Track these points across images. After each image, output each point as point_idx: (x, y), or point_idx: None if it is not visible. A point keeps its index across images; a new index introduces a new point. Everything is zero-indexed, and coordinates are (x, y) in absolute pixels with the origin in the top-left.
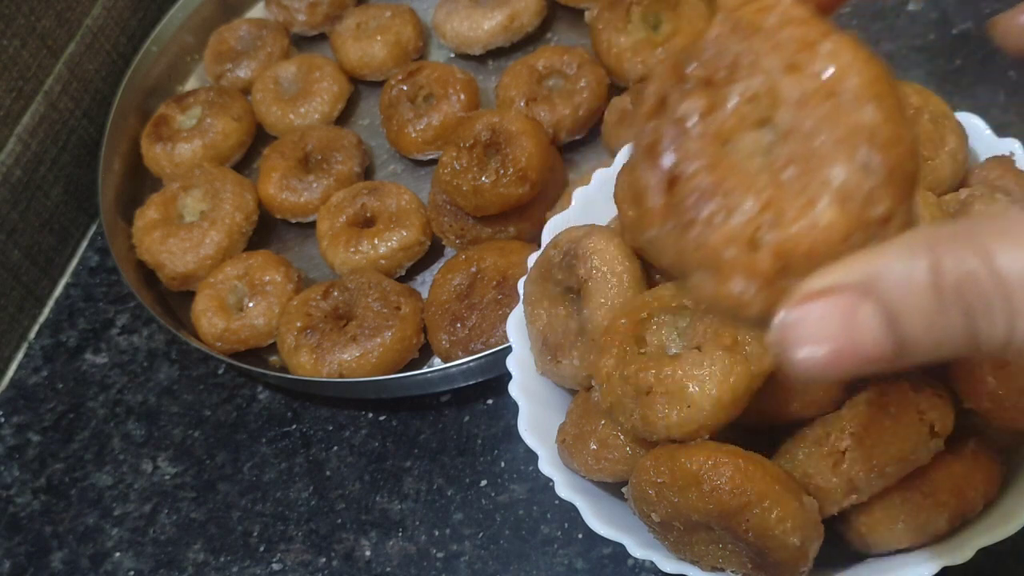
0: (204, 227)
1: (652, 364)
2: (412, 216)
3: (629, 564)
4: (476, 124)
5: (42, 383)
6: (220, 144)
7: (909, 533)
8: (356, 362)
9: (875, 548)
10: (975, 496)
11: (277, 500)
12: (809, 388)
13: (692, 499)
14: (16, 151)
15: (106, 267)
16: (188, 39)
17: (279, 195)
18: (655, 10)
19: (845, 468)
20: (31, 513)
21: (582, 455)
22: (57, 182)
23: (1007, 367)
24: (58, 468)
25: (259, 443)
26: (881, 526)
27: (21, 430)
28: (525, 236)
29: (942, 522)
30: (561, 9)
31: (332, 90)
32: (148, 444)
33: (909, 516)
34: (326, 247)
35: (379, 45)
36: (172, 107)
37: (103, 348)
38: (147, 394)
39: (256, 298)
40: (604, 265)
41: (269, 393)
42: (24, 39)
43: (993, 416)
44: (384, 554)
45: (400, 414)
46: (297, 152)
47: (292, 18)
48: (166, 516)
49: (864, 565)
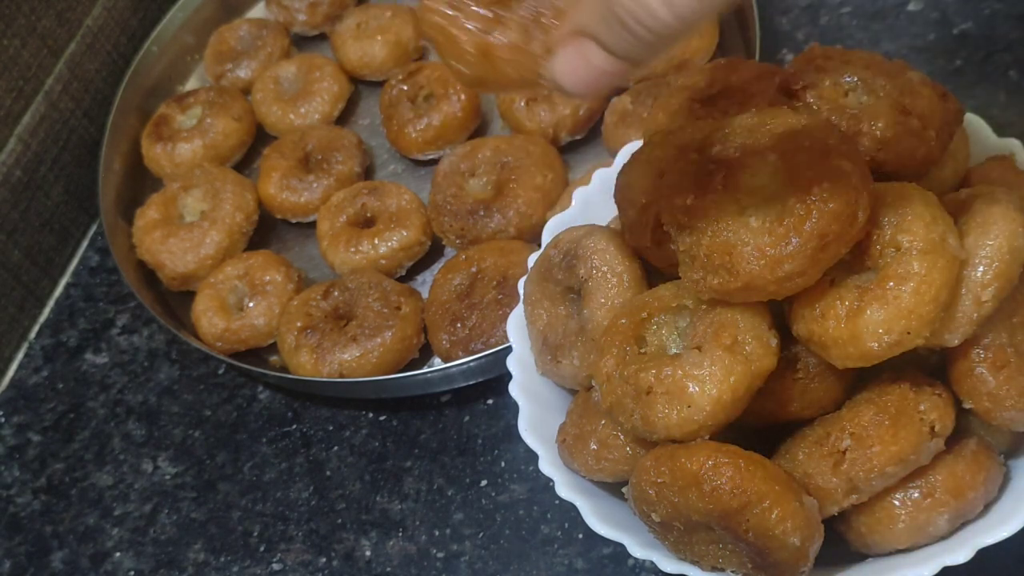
0: (204, 227)
1: (652, 364)
2: (412, 216)
3: (629, 564)
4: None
5: (42, 383)
6: (220, 144)
7: (909, 533)
8: (356, 362)
9: (875, 548)
10: (975, 496)
11: (277, 500)
12: (809, 388)
13: (692, 499)
14: (17, 151)
15: (106, 267)
16: (188, 39)
17: (279, 195)
18: None
19: (845, 468)
20: (31, 513)
21: (582, 455)
22: (57, 182)
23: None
24: (58, 468)
25: (259, 443)
26: (881, 526)
27: (21, 430)
28: (525, 236)
29: (942, 522)
30: None
31: (332, 90)
32: (148, 444)
33: (909, 516)
34: (326, 247)
35: (379, 45)
36: (172, 107)
37: (103, 348)
38: (147, 394)
39: (256, 298)
40: (604, 265)
41: (269, 393)
42: (24, 39)
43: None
44: (384, 554)
45: (400, 414)
46: (297, 152)
47: (292, 18)
48: (166, 516)
49: (864, 565)
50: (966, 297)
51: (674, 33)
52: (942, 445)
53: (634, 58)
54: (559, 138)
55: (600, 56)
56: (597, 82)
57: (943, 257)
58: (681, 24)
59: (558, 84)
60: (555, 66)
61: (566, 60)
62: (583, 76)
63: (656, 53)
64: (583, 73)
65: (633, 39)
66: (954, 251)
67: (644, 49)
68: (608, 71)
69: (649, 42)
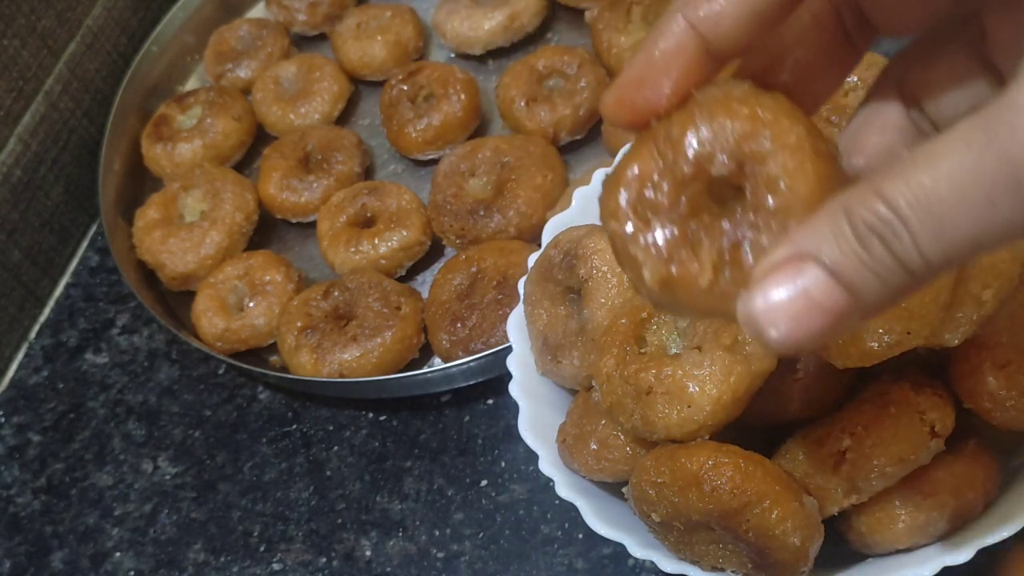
0: (204, 227)
1: (652, 364)
2: (412, 216)
3: (629, 564)
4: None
5: (42, 383)
6: (220, 144)
7: (909, 533)
8: (356, 362)
9: (875, 548)
10: (975, 496)
11: (277, 500)
12: (809, 388)
13: (692, 499)
14: (16, 151)
15: (106, 267)
16: (188, 39)
17: (279, 195)
18: (656, 10)
19: (845, 468)
20: (31, 513)
21: (582, 455)
22: (57, 182)
23: (1008, 367)
24: (58, 468)
25: (259, 443)
26: (881, 526)
27: (21, 430)
28: (525, 236)
29: (942, 522)
30: (561, 9)
31: (332, 90)
32: (148, 444)
33: (909, 516)
34: (326, 247)
35: (379, 45)
36: (172, 107)
37: (103, 348)
38: (147, 394)
39: (256, 298)
40: (604, 265)
41: (269, 393)
42: (24, 39)
43: (993, 416)
44: (384, 554)
45: (400, 414)
46: (297, 152)
47: (292, 18)
48: (166, 516)
49: (864, 565)
50: (966, 297)
51: (931, 276)
52: (942, 445)
53: (871, 298)
54: (559, 138)
55: (825, 287)
56: (813, 326)
57: None
58: (946, 266)
59: (757, 327)
60: (756, 302)
61: (776, 292)
62: (797, 314)
63: (899, 300)
64: (799, 309)
65: (877, 273)
66: None
67: (886, 290)
68: (832, 310)
69: (897, 283)
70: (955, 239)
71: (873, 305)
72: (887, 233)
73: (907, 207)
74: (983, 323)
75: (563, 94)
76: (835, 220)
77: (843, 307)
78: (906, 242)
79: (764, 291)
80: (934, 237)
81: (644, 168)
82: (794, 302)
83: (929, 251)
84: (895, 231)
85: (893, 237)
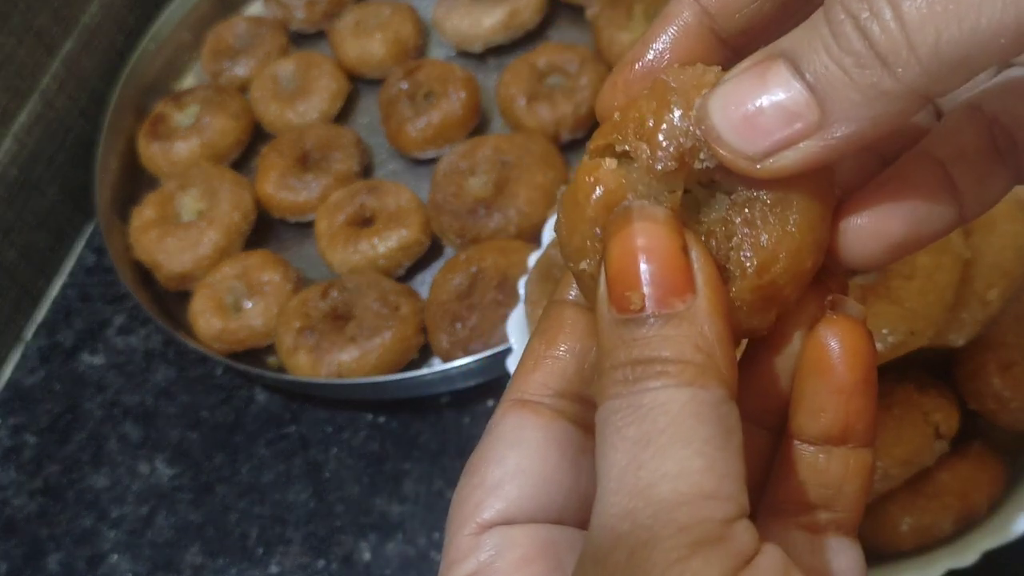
0: (202, 226)
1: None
2: (412, 215)
3: None
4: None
5: (38, 384)
6: (218, 142)
7: (914, 535)
8: (355, 363)
9: (879, 551)
10: (980, 498)
11: (275, 502)
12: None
13: None
14: (12, 150)
15: (103, 267)
16: (185, 37)
17: (277, 194)
18: (657, 7)
19: None
20: (27, 515)
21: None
22: (53, 181)
23: (1012, 368)
24: (54, 470)
25: (257, 444)
26: (885, 529)
27: (17, 431)
28: (525, 235)
29: (947, 524)
30: (562, 6)
31: (331, 88)
32: (145, 445)
33: (914, 518)
34: (325, 246)
35: (378, 42)
36: (169, 105)
37: (100, 349)
38: (144, 395)
39: (254, 298)
40: None
41: (267, 394)
42: (20, 37)
43: (998, 417)
44: (383, 557)
45: (399, 415)
46: (295, 151)
47: (290, 15)
48: (163, 518)
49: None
50: (971, 297)
51: (912, 94)
52: (947, 447)
53: (838, 110)
54: (560, 136)
55: (787, 85)
56: (770, 132)
57: (948, 257)
58: (931, 77)
59: (711, 128)
60: (714, 98)
61: (737, 89)
62: (752, 115)
63: (872, 130)
64: (756, 112)
65: (848, 71)
66: (959, 250)
67: (858, 104)
68: (792, 115)
69: (872, 95)
70: (946, 35)
71: (842, 125)
72: (864, 15)
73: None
74: (988, 323)
75: (564, 92)
76: (814, 19)
77: (807, 117)
78: (892, 30)
79: (725, 89)
80: (919, 28)
81: (611, 185)
82: (751, 97)
83: (917, 43)
84: (877, 9)
85: (872, 20)
